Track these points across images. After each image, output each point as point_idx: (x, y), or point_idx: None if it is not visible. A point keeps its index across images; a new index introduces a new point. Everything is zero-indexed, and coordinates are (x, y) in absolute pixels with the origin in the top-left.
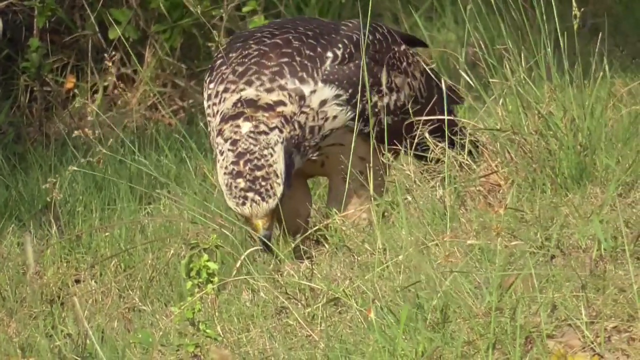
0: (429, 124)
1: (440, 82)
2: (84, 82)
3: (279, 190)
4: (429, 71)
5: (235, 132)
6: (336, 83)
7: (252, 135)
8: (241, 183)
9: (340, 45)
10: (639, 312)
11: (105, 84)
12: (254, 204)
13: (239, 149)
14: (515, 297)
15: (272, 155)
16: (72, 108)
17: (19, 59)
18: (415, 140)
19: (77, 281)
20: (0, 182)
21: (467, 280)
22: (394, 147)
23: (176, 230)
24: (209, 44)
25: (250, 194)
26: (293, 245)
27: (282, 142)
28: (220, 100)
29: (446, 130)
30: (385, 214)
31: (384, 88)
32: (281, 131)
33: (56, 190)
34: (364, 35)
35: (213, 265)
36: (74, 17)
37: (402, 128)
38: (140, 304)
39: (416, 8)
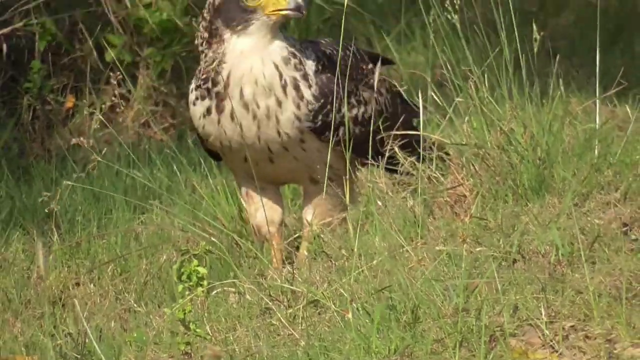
0: (399, 139)
1: (405, 101)
2: (82, 101)
3: None
4: (394, 90)
5: None
6: None
7: None
8: None
9: (315, 57)
10: (595, 312)
11: (102, 103)
12: None
13: None
14: (480, 299)
15: None
16: (72, 125)
17: (22, 80)
18: (386, 154)
19: (77, 284)
20: (6, 193)
21: (436, 284)
22: (362, 157)
23: (168, 238)
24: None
25: None
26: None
27: None
28: None
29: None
30: (360, 222)
31: (353, 100)
32: None
33: (54, 202)
34: (337, 51)
35: (202, 270)
36: (73, 41)
37: (369, 139)
38: (135, 305)
39: (387, 32)
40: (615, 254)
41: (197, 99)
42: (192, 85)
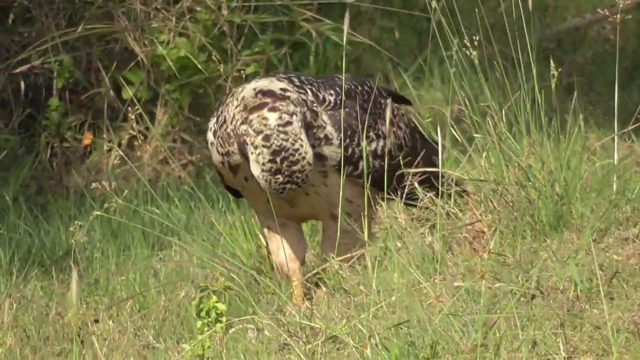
0: (418, 175)
1: (423, 136)
2: (100, 138)
3: (310, 170)
4: (412, 125)
5: (265, 125)
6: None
7: (280, 129)
8: (280, 178)
9: (332, 92)
10: (613, 348)
11: (120, 140)
12: (291, 191)
13: (274, 147)
14: (498, 335)
15: (302, 147)
16: (90, 162)
17: (40, 117)
18: (406, 190)
19: (96, 321)
20: (24, 231)
21: (455, 319)
22: (382, 191)
23: (187, 274)
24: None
25: (288, 185)
26: (298, 290)
27: (301, 121)
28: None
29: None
30: (379, 258)
31: (372, 134)
32: (297, 115)
33: (80, 233)
34: (355, 85)
35: (221, 306)
36: (90, 79)
37: (389, 173)
38: (154, 341)
39: (405, 69)
40: (634, 289)
41: (212, 144)
42: (210, 124)
